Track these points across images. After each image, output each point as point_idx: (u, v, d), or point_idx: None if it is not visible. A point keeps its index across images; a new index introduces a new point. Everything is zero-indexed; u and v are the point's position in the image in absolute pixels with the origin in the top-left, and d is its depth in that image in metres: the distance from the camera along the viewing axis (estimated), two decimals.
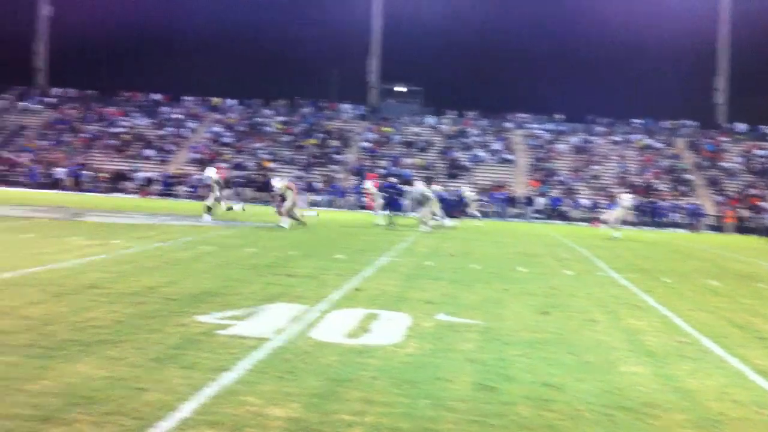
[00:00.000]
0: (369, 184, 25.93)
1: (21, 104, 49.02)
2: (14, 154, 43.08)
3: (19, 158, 42.26)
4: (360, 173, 39.98)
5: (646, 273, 11.59)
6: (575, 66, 53.78)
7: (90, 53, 52.78)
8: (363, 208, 33.69)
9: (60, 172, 39.33)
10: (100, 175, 39.44)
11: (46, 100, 49.20)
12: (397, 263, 11.01)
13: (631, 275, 10.95)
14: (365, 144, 44.72)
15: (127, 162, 41.90)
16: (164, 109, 48.28)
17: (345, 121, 47.86)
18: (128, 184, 38.70)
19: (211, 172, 20.74)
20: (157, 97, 49.40)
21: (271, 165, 41.16)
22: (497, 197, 37.62)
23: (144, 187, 38.35)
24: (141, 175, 39.45)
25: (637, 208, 31.05)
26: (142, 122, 46.53)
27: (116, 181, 38.83)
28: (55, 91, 50.18)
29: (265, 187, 33.44)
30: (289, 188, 18.75)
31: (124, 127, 45.75)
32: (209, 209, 19.60)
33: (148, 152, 42.71)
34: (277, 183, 19.37)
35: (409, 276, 9.44)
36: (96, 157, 42.19)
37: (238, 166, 40.67)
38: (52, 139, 44.56)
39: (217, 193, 19.89)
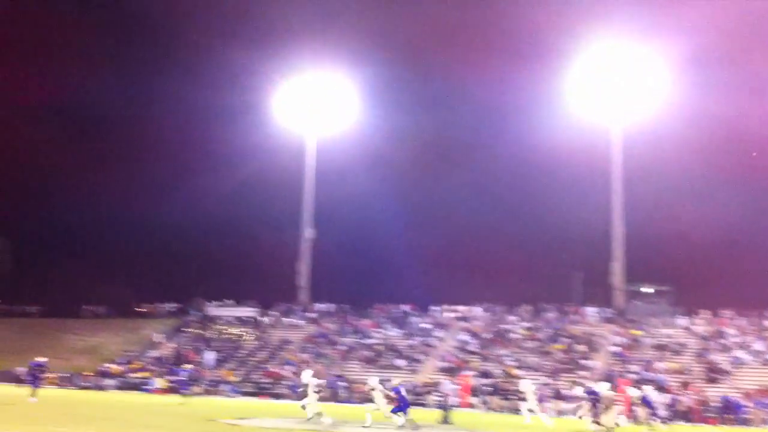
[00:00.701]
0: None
1: (285, 320, 58.34)
2: (278, 367, 51.03)
3: (282, 371, 49.98)
4: (610, 379, 42.24)
5: None
6: None
7: (347, 270, 62.08)
8: None
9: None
10: (354, 385, 45.57)
11: (308, 314, 58.11)
12: None
13: None
14: (613, 348, 47.11)
15: (378, 372, 47.94)
16: (413, 319, 54.85)
17: (591, 324, 50.84)
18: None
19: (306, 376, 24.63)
20: (406, 307, 56.42)
21: (517, 372, 44.85)
22: (764, 403, 37.90)
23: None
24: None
25: None
26: (392, 333, 53.18)
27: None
28: (315, 306, 59.26)
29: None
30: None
31: (376, 338, 52.58)
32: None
33: (399, 362, 48.59)
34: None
35: None
36: (351, 369, 48.78)
37: (484, 374, 44.90)
38: (312, 351, 52.25)
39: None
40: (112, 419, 22.39)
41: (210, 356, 54.41)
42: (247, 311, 63.95)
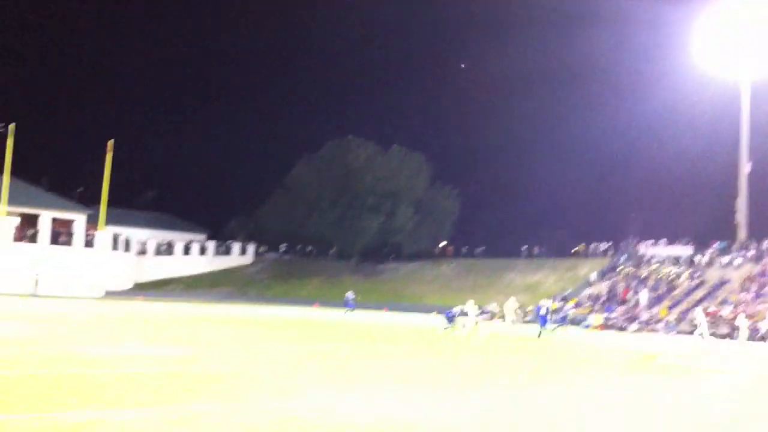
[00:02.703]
0: None
1: (723, 258, 56.20)
2: (717, 307, 49.66)
3: (718, 311, 48.59)
4: None
5: None
6: None
7: None
8: None
9: (765, 325, 43.94)
10: None
11: (747, 253, 55.22)
12: None
13: None
14: None
15: None
16: None
17: None
18: None
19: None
20: None
21: None
22: None
23: None
24: None
25: None
26: None
27: None
28: (755, 244, 55.99)
29: None
30: None
31: None
32: None
33: None
34: None
35: None
36: None
37: None
38: (752, 292, 49.77)
39: None
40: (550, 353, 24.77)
41: (644, 295, 54.99)
42: (681, 250, 62.91)
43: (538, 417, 10.55)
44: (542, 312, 34.81)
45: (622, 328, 49.21)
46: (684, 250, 62.57)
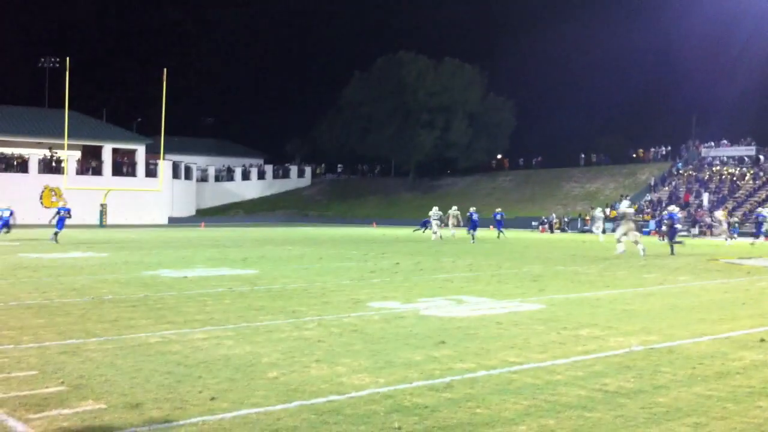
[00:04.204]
0: None
1: None
2: None
3: None
4: None
5: None
6: None
7: None
8: None
9: None
10: None
11: None
12: None
13: None
14: None
15: None
16: None
17: None
18: None
19: None
20: None
21: None
22: None
23: None
24: None
25: None
26: None
27: None
28: None
29: None
30: None
31: None
32: None
33: None
34: None
35: None
36: None
37: None
38: None
39: None
40: (617, 258, 24.40)
41: (706, 198, 53.71)
42: (744, 150, 61.01)
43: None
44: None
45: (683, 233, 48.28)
46: (747, 151, 60.71)
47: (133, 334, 8.62)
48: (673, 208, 29.05)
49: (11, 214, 31.28)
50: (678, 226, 29.07)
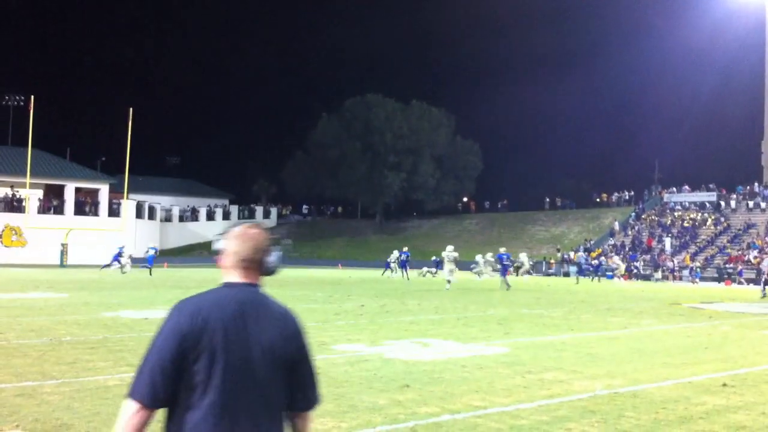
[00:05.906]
0: None
1: (749, 202, 55.40)
2: (742, 251, 49.05)
3: (745, 255, 47.99)
4: None
5: None
6: None
7: None
8: None
9: None
10: None
11: None
12: None
13: None
14: None
15: None
16: None
17: None
18: None
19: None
20: None
21: None
22: None
23: None
24: None
25: None
26: None
27: None
28: None
29: None
30: None
31: None
32: None
33: None
34: None
35: None
36: None
37: None
38: None
39: None
40: (582, 302, 24.54)
41: (668, 242, 54.44)
42: (705, 196, 62.09)
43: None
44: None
45: (646, 277, 48.84)
46: (708, 196, 61.79)
47: (91, 377, 8.46)
48: (504, 250, 34.04)
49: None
50: (507, 263, 33.37)
